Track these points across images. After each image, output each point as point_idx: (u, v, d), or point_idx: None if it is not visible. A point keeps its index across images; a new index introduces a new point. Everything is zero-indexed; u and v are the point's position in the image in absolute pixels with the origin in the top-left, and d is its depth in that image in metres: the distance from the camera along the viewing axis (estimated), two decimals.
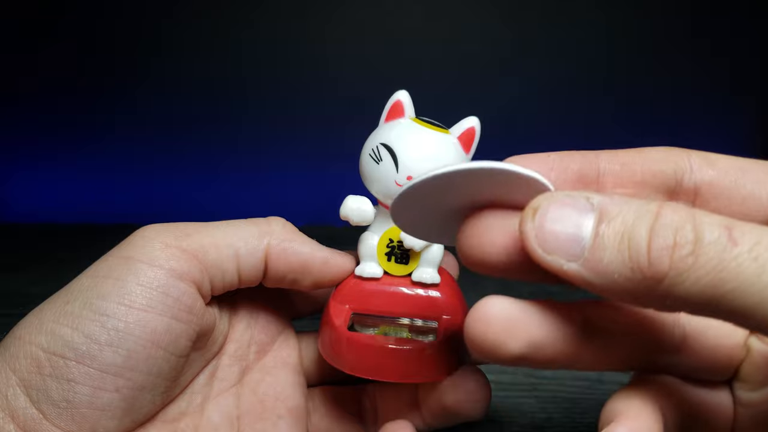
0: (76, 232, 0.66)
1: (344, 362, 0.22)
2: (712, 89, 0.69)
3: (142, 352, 0.18)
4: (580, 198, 0.15)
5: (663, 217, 0.13)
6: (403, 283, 0.24)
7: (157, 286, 0.19)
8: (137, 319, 0.18)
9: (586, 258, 0.14)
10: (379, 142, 0.22)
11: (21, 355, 0.18)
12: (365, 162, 0.23)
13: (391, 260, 0.23)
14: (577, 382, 0.36)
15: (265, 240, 0.24)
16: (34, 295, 0.49)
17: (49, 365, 0.18)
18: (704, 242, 0.12)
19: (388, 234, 0.23)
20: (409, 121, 0.23)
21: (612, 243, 0.13)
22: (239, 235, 0.22)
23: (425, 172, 0.15)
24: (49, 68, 0.67)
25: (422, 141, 0.22)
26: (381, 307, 0.23)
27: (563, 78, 0.68)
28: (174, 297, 0.19)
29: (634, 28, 0.67)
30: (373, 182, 0.22)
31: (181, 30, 0.66)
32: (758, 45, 0.68)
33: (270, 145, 0.69)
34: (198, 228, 0.22)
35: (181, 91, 0.68)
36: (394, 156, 0.21)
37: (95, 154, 0.70)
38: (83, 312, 0.18)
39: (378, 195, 0.23)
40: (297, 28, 0.67)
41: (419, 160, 0.21)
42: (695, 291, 0.12)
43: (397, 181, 0.21)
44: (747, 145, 0.71)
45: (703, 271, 0.12)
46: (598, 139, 0.71)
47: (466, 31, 0.66)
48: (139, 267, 0.19)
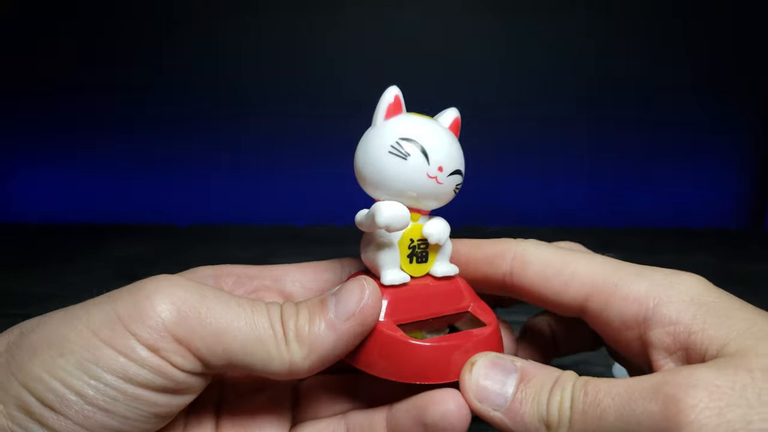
0: (76, 232, 0.66)
1: (414, 373, 0.21)
2: (712, 86, 0.69)
3: (138, 417, 0.18)
4: (507, 360, 0.20)
5: (559, 382, 0.18)
6: (428, 281, 0.23)
7: (158, 366, 0.18)
8: (135, 394, 0.18)
9: (507, 409, 0.19)
10: (399, 138, 0.21)
11: (11, 392, 0.18)
12: (383, 162, 0.21)
13: (413, 261, 0.23)
14: None
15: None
16: (34, 295, 0.50)
17: (39, 411, 0.17)
18: (576, 402, 0.18)
19: (408, 235, 0.22)
20: (413, 115, 0.22)
21: (528, 400, 0.19)
22: (252, 321, 0.19)
23: None
24: (49, 70, 0.67)
25: (438, 132, 0.22)
26: (419, 311, 0.22)
27: (563, 79, 0.68)
28: (176, 381, 0.19)
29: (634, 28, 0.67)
30: (396, 181, 0.21)
31: (182, 32, 0.66)
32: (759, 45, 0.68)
33: (270, 145, 0.69)
34: (212, 307, 0.18)
35: (183, 93, 0.68)
36: (422, 149, 0.21)
37: (95, 155, 0.70)
38: (77, 372, 0.18)
39: (398, 193, 0.21)
40: (298, 31, 0.67)
41: (444, 150, 0.21)
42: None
43: (429, 173, 0.21)
44: (746, 140, 0.71)
45: (581, 424, 0.17)
46: (603, 145, 0.71)
47: (464, 31, 0.66)
48: (139, 348, 0.18)
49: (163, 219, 0.69)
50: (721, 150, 0.71)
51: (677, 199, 0.71)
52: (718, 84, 0.69)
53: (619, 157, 0.70)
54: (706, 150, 0.71)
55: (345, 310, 0.20)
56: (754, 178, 0.71)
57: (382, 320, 0.21)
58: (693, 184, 0.71)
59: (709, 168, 0.71)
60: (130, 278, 0.20)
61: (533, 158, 0.70)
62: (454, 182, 0.22)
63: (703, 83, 0.68)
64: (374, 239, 0.22)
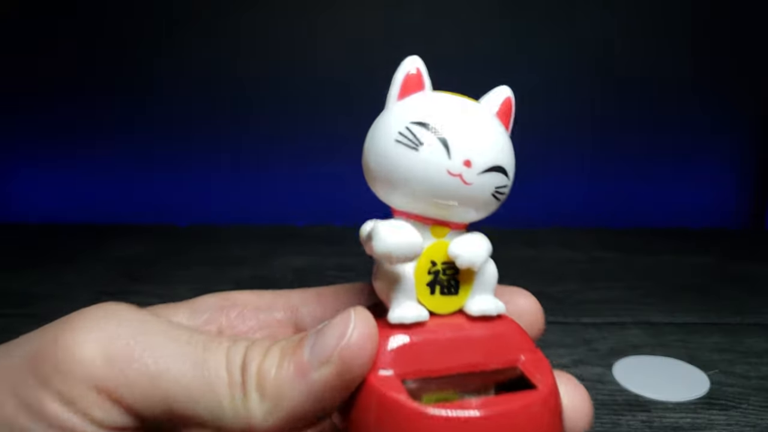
0: (76, 232, 0.66)
1: None
2: (712, 86, 0.69)
3: None
4: None
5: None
6: (460, 321, 0.17)
7: (70, 424, 0.14)
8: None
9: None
10: (411, 121, 0.16)
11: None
12: (389, 153, 0.16)
13: (435, 292, 0.16)
14: None
15: None
16: (34, 295, 0.50)
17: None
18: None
19: (428, 255, 0.16)
20: (439, 94, 0.17)
21: None
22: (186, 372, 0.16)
23: None
24: (49, 70, 0.67)
25: (469, 114, 0.16)
26: (442, 363, 0.16)
27: (563, 78, 0.68)
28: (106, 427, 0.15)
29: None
30: (406, 180, 0.15)
31: (182, 32, 0.66)
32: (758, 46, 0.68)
33: (270, 145, 0.69)
34: (152, 345, 0.15)
35: (182, 92, 0.68)
36: (440, 137, 0.15)
37: (95, 155, 0.70)
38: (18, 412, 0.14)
39: (411, 198, 0.16)
40: (298, 31, 0.67)
41: (474, 139, 0.16)
42: None
43: (450, 170, 0.15)
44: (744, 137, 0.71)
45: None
46: (603, 145, 0.71)
47: (464, 31, 0.66)
48: (47, 401, 0.14)
49: (163, 219, 0.69)
50: (721, 150, 0.71)
51: (677, 199, 0.71)
52: (718, 84, 0.69)
53: (619, 157, 0.70)
54: (706, 150, 0.71)
55: (321, 351, 0.15)
56: (754, 178, 0.71)
57: (383, 373, 0.15)
58: (693, 184, 0.71)
59: (709, 168, 0.71)
60: (130, 278, 0.20)
61: (533, 159, 0.70)
62: (492, 183, 0.16)
63: (703, 83, 0.68)
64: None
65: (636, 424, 0.31)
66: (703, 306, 0.46)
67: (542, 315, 0.19)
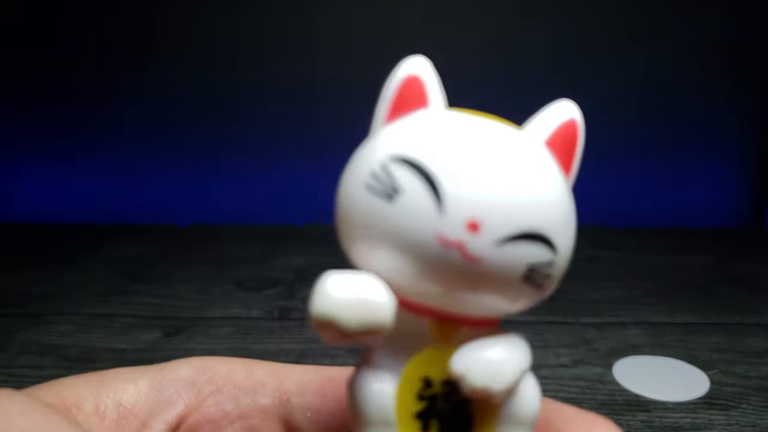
0: (76, 233, 0.66)
1: None
2: (713, 86, 0.69)
3: None
4: None
5: None
6: None
7: None
8: None
9: None
10: (391, 156, 0.10)
11: None
12: (358, 204, 0.11)
13: (429, 428, 0.11)
14: (578, 382, 0.36)
15: None
16: (34, 295, 0.50)
17: None
18: None
19: (419, 369, 0.11)
20: (453, 112, 0.11)
21: None
22: None
23: None
24: (49, 70, 0.67)
25: (493, 142, 0.10)
26: None
27: (563, 79, 0.68)
28: None
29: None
30: (381, 247, 0.10)
31: (179, 32, 0.66)
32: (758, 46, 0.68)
33: (269, 144, 0.69)
34: None
35: (180, 92, 0.68)
36: (429, 179, 0.10)
37: (95, 155, 0.70)
38: None
39: (394, 274, 0.10)
40: (298, 31, 0.67)
41: (491, 185, 0.10)
42: None
43: (443, 235, 0.10)
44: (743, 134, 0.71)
45: None
46: (602, 145, 0.71)
47: (464, 31, 0.66)
48: None
49: (163, 219, 0.69)
50: (721, 150, 0.71)
51: (677, 199, 0.71)
52: (718, 83, 0.68)
53: (618, 156, 0.70)
54: (706, 150, 0.71)
55: None
56: (754, 178, 0.71)
57: None
58: (693, 184, 0.71)
59: (709, 168, 0.71)
60: (130, 278, 0.20)
61: None
62: (522, 260, 0.10)
63: (703, 83, 0.68)
64: (365, 370, 0.11)
65: (636, 424, 0.31)
66: (703, 306, 0.46)
67: None
